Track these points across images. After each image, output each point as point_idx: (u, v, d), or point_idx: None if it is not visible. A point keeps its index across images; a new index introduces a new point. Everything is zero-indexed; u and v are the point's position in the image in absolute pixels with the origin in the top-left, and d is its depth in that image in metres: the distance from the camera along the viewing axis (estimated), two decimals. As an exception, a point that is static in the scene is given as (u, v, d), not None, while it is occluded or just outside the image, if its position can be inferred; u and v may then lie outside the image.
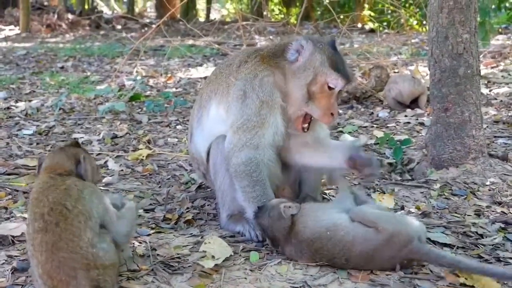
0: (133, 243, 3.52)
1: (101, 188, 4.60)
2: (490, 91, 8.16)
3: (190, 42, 15.33)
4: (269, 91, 3.58)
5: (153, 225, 3.89)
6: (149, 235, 3.68)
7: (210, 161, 3.81)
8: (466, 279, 3.01)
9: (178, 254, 3.41)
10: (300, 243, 3.23)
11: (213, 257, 3.29)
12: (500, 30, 13.76)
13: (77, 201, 2.82)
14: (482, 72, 8.88)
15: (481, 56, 9.57)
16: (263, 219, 3.36)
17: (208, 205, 4.24)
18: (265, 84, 3.59)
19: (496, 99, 7.66)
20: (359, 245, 3.10)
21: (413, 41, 13.30)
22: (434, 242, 3.54)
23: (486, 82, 8.64)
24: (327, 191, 4.38)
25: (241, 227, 3.66)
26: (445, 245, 3.53)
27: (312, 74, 3.52)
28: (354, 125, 6.63)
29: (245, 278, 3.12)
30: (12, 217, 3.96)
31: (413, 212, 4.00)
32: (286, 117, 3.66)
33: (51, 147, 5.91)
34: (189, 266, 3.26)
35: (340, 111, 7.42)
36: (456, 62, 4.60)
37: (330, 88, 3.53)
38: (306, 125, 3.68)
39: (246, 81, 3.61)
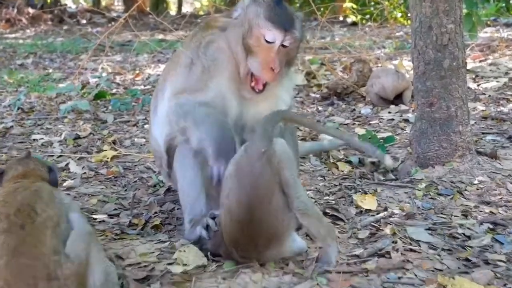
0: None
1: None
2: (478, 85, 8.23)
3: (160, 36, 15.27)
4: (213, 56, 3.60)
5: (118, 231, 3.84)
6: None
7: (174, 157, 3.75)
8: (450, 286, 3.01)
9: (145, 261, 3.36)
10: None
11: (184, 264, 3.25)
12: (488, 22, 13.86)
13: (47, 205, 2.76)
14: (470, 66, 8.96)
15: (468, 49, 9.66)
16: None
17: (177, 209, 4.20)
18: (210, 50, 3.62)
19: (484, 94, 7.71)
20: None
21: (397, 34, 13.40)
22: (418, 242, 3.56)
23: (474, 76, 8.71)
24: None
25: (200, 229, 3.44)
26: (431, 245, 3.54)
27: (247, 26, 3.52)
28: (334, 122, 6.63)
29: (217, 287, 3.09)
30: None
31: (397, 214, 3.99)
32: (239, 81, 3.64)
33: (8, 149, 5.83)
34: (157, 274, 3.22)
35: (320, 108, 7.44)
36: (440, 54, 4.61)
37: (267, 41, 3.50)
38: (253, 83, 3.62)
39: (193, 50, 3.64)
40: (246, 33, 3.53)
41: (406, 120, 6.60)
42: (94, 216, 4.12)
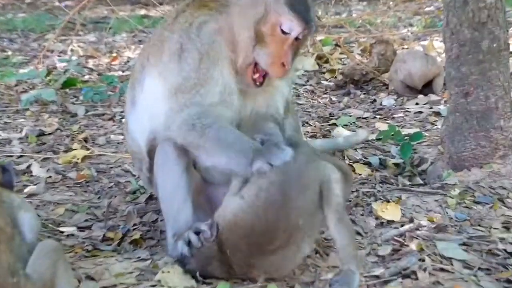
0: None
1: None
2: (524, 71, 8.22)
3: (142, 12, 15.28)
4: (210, 39, 3.56)
5: (90, 247, 3.85)
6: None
7: (155, 158, 3.75)
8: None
9: (122, 283, 3.37)
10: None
11: (169, 287, 3.27)
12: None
13: None
14: (515, 48, 8.95)
15: (512, 27, 9.65)
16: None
17: (161, 220, 4.21)
18: (204, 31, 3.57)
19: (532, 81, 7.71)
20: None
21: (427, 9, 13.37)
22: (450, 260, 3.57)
23: (519, 60, 8.70)
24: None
25: (181, 246, 3.47)
26: (465, 264, 3.55)
27: (263, 11, 3.48)
28: (351, 115, 6.65)
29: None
30: None
31: (425, 226, 4.00)
32: (236, 71, 3.63)
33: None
34: (135, 299, 3.24)
35: (334, 98, 7.45)
36: (478, 33, 4.61)
37: (283, 32, 3.49)
38: (257, 75, 3.62)
39: (181, 32, 3.59)
40: (260, 18, 3.49)
41: (437, 113, 6.61)
42: (61, 229, 4.14)
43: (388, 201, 4.38)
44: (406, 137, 5.26)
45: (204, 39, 3.55)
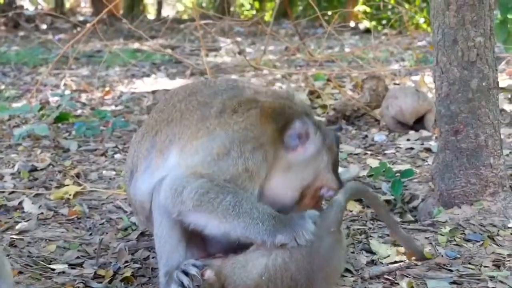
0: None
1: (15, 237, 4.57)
2: (514, 107, 8.28)
3: (135, 46, 15.34)
4: (259, 163, 3.59)
5: (81, 285, 3.85)
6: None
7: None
8: None
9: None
10: None
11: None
12: (528, 30, 13.96)
13: None
14: (505, 84, 9.03)
15: (503, 63, 9.73)
16: None
17: (153, 257, 4.22)
18: (257, 155, 3.58)
19: (522, 117, 7.77)
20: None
21: (419, 44, 13.50)
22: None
23: (509, 96, 8.77)
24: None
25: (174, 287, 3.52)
26: (455, 304, 3.56)
27: (312, 177, 3.72)
28: (342, 151, 6.66)
29: None
30: None
31: (416, 263, 4.02)
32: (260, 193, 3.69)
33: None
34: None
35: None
36: (467, 72, 4.66)
37: (320, 192, 3.78)
38: None
39: (234, 139, 3.57)
40: (308, 184, 3.73)
41: (428, 150, 6.64)
42: (52, 266, 4.13)
43: (381, 237, 4.41)
44: (397, 174, 5.29)
45: (256, 161, 3.58)
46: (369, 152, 6.70)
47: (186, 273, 3.45)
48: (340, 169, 5.66)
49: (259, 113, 3.66)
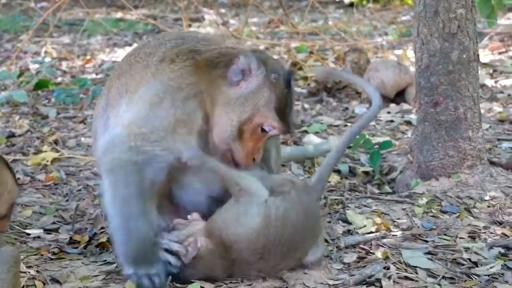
0: (28, 272, 3.48)
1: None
2: (495, 82, 8.29)
3: (118, 15, 15.23)
4: (192, 112, 3.55)
5: (56, 250, 3.85)
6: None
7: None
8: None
9: (87, 286, 3.39)
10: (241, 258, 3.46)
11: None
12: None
13: None
14: (487, 59, 9.05)
15: (486, 39, 9.75)
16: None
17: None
18: (190, 103, 3.55)
19: (502, 92, 7.78)
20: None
21: (403, 18, 13.46)
22: (415, 268, 3.62)
23: (491, 71, 8.78)
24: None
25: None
26: (430, 272, 3.59)
27: (250, 112, 3.59)
28: (322, 123, 6.66)
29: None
30: None
31: (391, 234, 4.04)
32: (206, 142, 3.65)
33: None
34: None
35: (306, 106, 7.47)
36: (448, 44, 4.66)
37: (263, 130, 3.63)
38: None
39: (166, 89, 3.55)
40: (245, 119, 3.59)
41: (409, 123, 6.65)
42: (28, 231, 4.13)
43: (358, 208, 4.43)
44: (376, 146, 5.29)
45: (186, 110, 3.54)
46: (349, 124, 6.69)
47: (169, 251, 3.46)
48: (320, 140, 5.74)
49: (197, 61, 3.63)
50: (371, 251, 3.84)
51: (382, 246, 3.88)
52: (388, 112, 7.08)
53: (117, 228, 3.47)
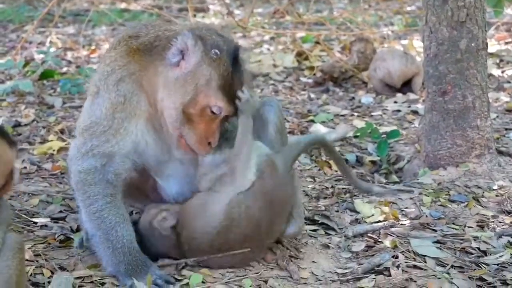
0: (36, 260, 3.48)
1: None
2: (502, 72, 8.27)
3: (123, 5, 15.22)
4: (128, 93, 3.48)
5: (63, 238, 3.84)
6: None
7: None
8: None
9: (96, 274, 3.40)
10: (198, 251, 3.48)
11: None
12: (519, -4, 13.90)
13: None
14: (495, 49, 9.00)
15: (492, 28, 9.70)
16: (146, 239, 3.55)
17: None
18: (123, 84, 3.48)
19: (509, 82, 7.77)
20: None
21: (408, 8, 13.42)
22: (424, 257, 3.62)
23: (498, 61, 8.75)
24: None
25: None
26: (439, 261, 3.59)
27: (192, 93, 3.42)
28: (329, 112, 6.65)
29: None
30: None
31: (400, 223, 4.03)
32: (159, 127, 3.59)
33: None
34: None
35: (312, 95, 7.46)
36: (456, 32, 4.64)
37: (213, 112, 3.46)
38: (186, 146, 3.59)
39: (101, 76, 3.53)
40: (189, 100, 3.43)
41: (415, 112, 6.64)
42: (35, 220, 4.12)
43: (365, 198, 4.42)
44: (383, 135, 5.28)
45: (121, 92, 3.47)
46: (355, 114, 6.69)
47: None
48: (325, 129, 5.73)
49: (132, 44, 3.56)
50: (380, 240, 3.85)
51: (391, 235, 3.88)
52: (395, 102, 7.06)
53: (99, 243, 3.47)
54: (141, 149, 3.55)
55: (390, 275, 3.43)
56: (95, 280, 3.35)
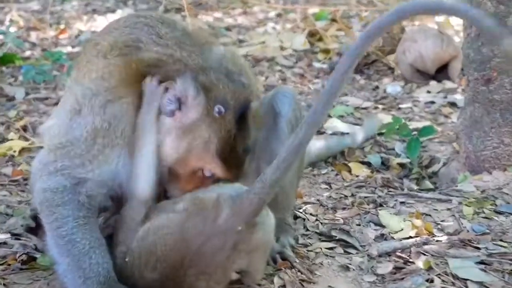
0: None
1: None
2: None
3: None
4: (115, 119, 3.45)
5: (25, 257, 3.83)
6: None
7: None
8: None
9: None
10: None
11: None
12: None
13: None
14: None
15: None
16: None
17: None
18: (111, 109, 3.44)
19: None
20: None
21: (443, -22, 13.45)
22: (465, 281, 3.58)
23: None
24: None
25: None
26: (483, 286, 3.56)
27: (183, 154, 3.43)
28: (348, 105, 6.66)
29: None
30: None
31: (435, 239, 4.01)
32: None
33: None
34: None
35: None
36: (504, 7, 4.63)
37: (204, 174, 3.48)
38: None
39: (85, 94, 3.49)
40: (178, 159, 3.44)
41: (453, 104, 6.64)
42: (-9, 236, 4.12)
43: (393, 208, 4.42)
44: (414, 132, 5.26)
45: (108, 116, 3.45)
46: (380, 106, 6.69)
47: None
48: (343, 125, 5.72)
49: (132, 59, 3.48)
50: (410, 260, 3.82)
51: (424, 254, 3.85)
52: (428, 92, 7.07)
53: (68, 271, 3.43)
54: (121, 180, 3.52)
55: (423, 304, 3.42)
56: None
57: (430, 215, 4.35)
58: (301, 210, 4.36)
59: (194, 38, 3.59)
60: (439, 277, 3.60)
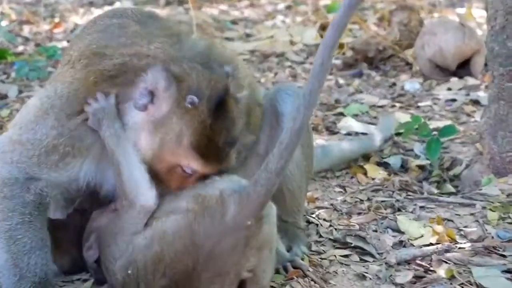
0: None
1: None
2: None
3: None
4: (79, 133, 3.50)
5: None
6: None
7: None
8: None
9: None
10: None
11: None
12: None
13: None
14: None
15: None
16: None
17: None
18: (75, 124, 3.49)
19: None
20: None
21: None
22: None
23: None
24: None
25: None
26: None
27: (157, 148, 3.44)
28: (362, 103, 6.66)
29: None
30: None
31: (457, 246, 4.01)
32: None
33: None
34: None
35: (341, 81, 7.46)
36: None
37: (185, 171, 3.48)
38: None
39: (54, 103, 3.52)
40: (152, 156, 3.44)
41: (476, 102, 6.63)
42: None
43: (412, 213, 4.43)
44: (434, 132, 5.25)
45: (73, 125, 3.50)
46: (397, 104, 6.69)
47: None
48: (358, 124, 5.72)
49: (94, 70, 3.51)
50: (431, 268, 3.82)
51: (446, 262, 3.85)
52: (449, 89, 7.06)
53: (5, 267, 3.46)
54: (83, 185, 3.54)
55: (446, 315, 3.43)
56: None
57: (452, 221, 4.36)
58: (314, 215, 4.36)
59: (168, 30, 3.62)
60: (462, 287, 3.61)
